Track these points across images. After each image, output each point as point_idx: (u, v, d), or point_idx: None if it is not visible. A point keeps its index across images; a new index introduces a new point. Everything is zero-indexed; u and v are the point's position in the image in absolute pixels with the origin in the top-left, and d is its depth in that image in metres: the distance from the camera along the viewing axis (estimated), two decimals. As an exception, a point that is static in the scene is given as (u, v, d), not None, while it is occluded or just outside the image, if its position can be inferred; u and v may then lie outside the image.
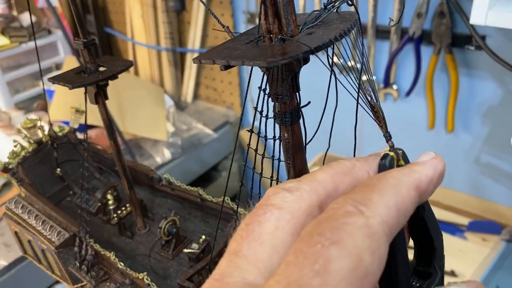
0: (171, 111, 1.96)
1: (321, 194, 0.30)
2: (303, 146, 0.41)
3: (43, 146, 0.74)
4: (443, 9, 1.29)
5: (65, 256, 0.64)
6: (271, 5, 0.34)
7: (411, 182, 0.30)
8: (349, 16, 0.36)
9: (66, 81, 0.52)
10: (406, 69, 1.48)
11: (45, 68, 2.09)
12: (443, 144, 1.52)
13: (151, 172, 0.73)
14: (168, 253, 0.63)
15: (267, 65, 0.31)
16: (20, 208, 0.70)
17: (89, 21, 2.29)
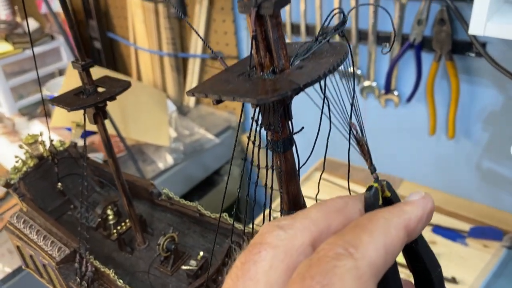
0: (174, 116, 1.97)
1: (313, 232, 0.31)
2: (296, 173, 0.42)
3: (44, 161, 0.75)
4: (443, 16, 1.29)
5: (65, 272, 0.65)
6: (262, 40, 0.35)
7: (400, 222, 0.31)
8: (340, 48, 0.37)
9: (65, 104, 0.53)
10: (407, 75, 1.48)
11: (48, 73, 2.10)
12: (444, 150, 1.52)
13: (150, 187, 0.73)
14: (167, 269, 0.64)
15: (257, 103, 0.32)
16: (22, 223, 0.71)
17: (92, 26, 2.30)
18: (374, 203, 0.35)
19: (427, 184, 1.62)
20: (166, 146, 1.83)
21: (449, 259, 1.33)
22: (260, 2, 0.33)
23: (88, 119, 0.58)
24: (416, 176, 1.64)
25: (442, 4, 1.28)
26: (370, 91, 1.59)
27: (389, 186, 0.36)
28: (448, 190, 1.58)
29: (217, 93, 0.34)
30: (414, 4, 1.35)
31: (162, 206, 0.74)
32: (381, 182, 0.36)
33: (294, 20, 1.64)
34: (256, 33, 0.34)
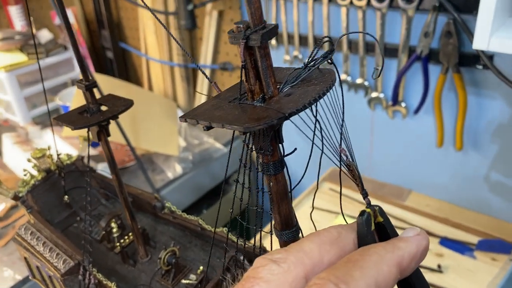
0: (183, 126, 1.99)
1: (307, 265, 0.31)
2: (288, 194, 0.43)
3: (52, 175, 0.78)
4: (450, 28, 1.30)
5: (70, 284, 0.67)
6: (252, 68, 0.36)
7: (393, 259, 0.31)
8: (328, 76, 0.38)
9: (69, 122, 0.55)
10: (415, 87, 1.48)
11: (61, 83, 2.15)
12: (452, 162, 1.51)
13: (154, 200, 0.75)
14: (168, 283, 0.65)
15: (244, 130, 0.33)
16: (29, 235, 0.73)
17: (104, 36, 2.34)
18: (367, 229, 0.35)
19: (434, 195, 1.62)
20: (175, 156, 1.85)
21: (456, 272, 1.32)
22: (249, 35, 0.34)
23: (92, 137, 0.60)
24: (424, 188, 1.64)
25: (449, 16, 1.29)
26: (377, 102, 1.59)
27: (382, 211, 0.36)
28: (456, 202, 1.57)
29: (207, 120, 0.36)
30: (421, 17, 1.35)
31: (164, 219, 0.75)
32: (374, 208, 0.36)
33: (302, 31, 1.66)
34: (246, 63, 0.36)
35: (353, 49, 1.55)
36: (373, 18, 1.45)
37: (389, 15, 1.42)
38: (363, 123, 1.68)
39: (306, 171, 0.44)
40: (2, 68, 1.95)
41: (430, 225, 1.49)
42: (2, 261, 1.45)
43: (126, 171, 1.80)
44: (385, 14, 1.42)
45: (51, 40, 2.08)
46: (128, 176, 1.77)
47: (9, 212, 1.62)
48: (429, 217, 1.52)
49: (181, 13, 1.78)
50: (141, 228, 0.71)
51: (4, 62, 1.97)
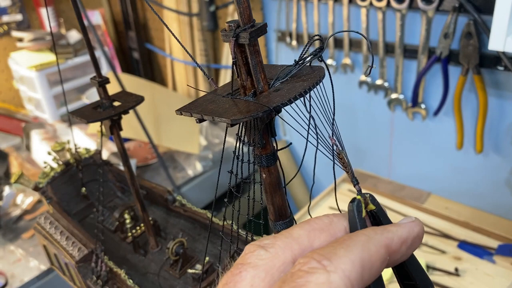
0: (205, 125, 2.02)
1: (295, 250, 0.32)
2: (281, 185, 0.45)
3: (70, 167, 0.82)
4: (470, 29, 1.28)
5: (84, 270, 0.70)
6: (243, 65, 0.38)
7: (381, 240, 0.31)
8: (317, 72, 0.39)
9: (83, 116, 0.59)
10: (434, 88, 1.47)
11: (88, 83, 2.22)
12: (472, 164, 1.49)
13: (166, 194, 0.78)
14: (176, 272, 0.68)
15: (231, 122, 0.35)
16: (48, 224, 0.77)
17: (131, 37, 2.41)
18: (357, 216, 0.35)
19: (454, 198, 1.60)
20: (196, 154, 1.88)
21: (474, 276, 1.30)
22: (238, 33, 0.36)
23: (105, 131, 0.63)
24: (443, 190, 1.62)
25: (469, 17, 1.28)
26: (397, 104, 1.59)
27: (373, 199, 0.37)
28: (476, 205, 1.55)
29: (199, 112, 0.38)
30: (441, 18, 1.34)
31: (176, 212, 0.78)
32: (365, 195, 0.36)
33: (322, 32, 1.67)
34: (237, 59, 0.38)
35: (373, 50, 1.55)
36: (393, 19, 1.45)
37: (409, 16, 1.42)
38: (383, 125, 1.67)
39: (324, 168, 0.44)
40: (33, 67, 2.04)
41: (449, 228, 1.48)
42: (28, 252, 1.51)
43: (148, 168, 1.84)
44: (405, 15, 1.41)
45: (79, 41, 2.15)
46: (151, 173, 1.82)
47: (36, 205, 1.68)
48: (448, 220, 1.51)
49: (204, 14, 1.82)
50: (153, 220, 0.74)
51: (35, 62, 2.06)
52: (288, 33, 1.80)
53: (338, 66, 1.70)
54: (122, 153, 0.64)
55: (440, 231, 1.46)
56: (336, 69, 1.71)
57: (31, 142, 1.94)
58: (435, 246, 1.41)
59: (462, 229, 1.47)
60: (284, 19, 1.78)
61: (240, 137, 0.42)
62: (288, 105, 0.36)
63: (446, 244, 1.42)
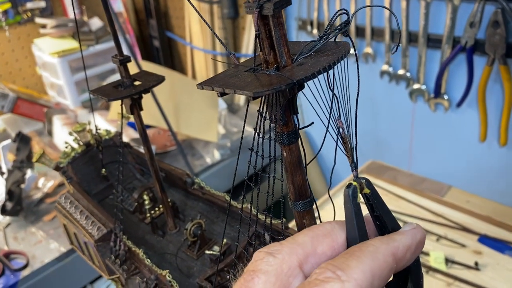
0: (224, 114, 2.03)
1: (300, 255, 0.35)
2: (302, 164, 0.44)
3: (91, 148, 0.82)
4: (497, 18, 1.25)
5: (103, 250, 0.71)
6: (266, 38, 0.38)
7: (388, 249, 0.34)
8: (342, 47, 0.38)
9: (104, 94, 0.59)
10: (458, 79, 1.44)
11: (109, 69, 2.24)
12: (495, 157, 1.46)
13: (185, 176, 0.78)
14: (193, 253, 0.68)
15: (253, 95, 0.35)
16: (69, 203, 0.78)
17: (152, 25, 2.41)
18: (352, 200, 0.37)
19: (475, 192, 1.57)
20: (214, 142, 1.89)
21: (495, 271, 1.28)
22: (262, 4, 0.35)
23: (126, 110, 0.63)
24: (464, 184, 1.59)
25: (497, 5, 1.24)
26: (419, 94, 1.56)
27: (369, 183, 0.38)
28: (498, 199, 1.51)
29: (221, 86, 0.37)
30: (467, 6, 1.31)
31: (194, 195, 0.78)
32: (360, 180, 0.38)
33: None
34: (260, 32, 0.37)
35: (396, 39, 1.52)
36: (417, 8, 1.42)
37: (434, 4, 1.39)
38: (404, 116, 1.65)
39: (343, 159, 0.44)
40: (55, 53, 2.06)
41: (470, 221, 1.45)
42: (49, 234, 1.54)
43: (167, 155, 1.86)
44: (430, 3, 1.38)
45: (101, 28, 2.17)
46: (169, 160, 1.83)
47: (57, 189, 1.71)
48: (469, 213, 1.48)
49: (225, 2, 1.81)
50: (171, 202, 0.74)
51: (57, 48, 2.08)
52: (309, 22, 1.78)
53: (359, 56, 1.68)
54: (142, 133, 0.65)
55: (460, 225, 1.44)
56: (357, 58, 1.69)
57: (53, 127, 1.97)
58: (455, 240, 1.38)
59: (483, 223, 1.44)
60: (306, 7, 1.76)
61: (261, 113, 0.41)
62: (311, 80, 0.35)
63: (466, 238, 1.40)
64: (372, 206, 0.39)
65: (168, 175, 0.81)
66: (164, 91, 1.77)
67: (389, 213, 0.40)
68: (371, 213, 0.40)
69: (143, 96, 0.63)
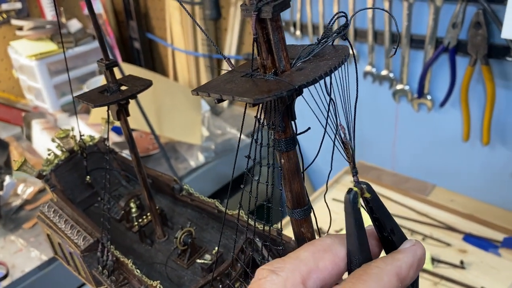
0: (207, 116, 2.00)
1: (303, 271, 0.35)
2: (300, 172, 0.43)
3: (75, 155, 0.80)
4: (479, 19, 1.26)
5: (89, 260, 0.69)
6: (264, 42, 0.36)
7: (392, 270, 0.35)
8: (341, 51, 0.37)
9: (90, 100, 0.56)
10: (441, 79, 1.45)
11: (89, 72, 2.19)
12: (478, 156, 1.48)
13: (172, 182, 0.76)
14: (184, 262, 0.66)
15: (253, 102, 0.33)
16: (52, 212, 0.76)
17: (132, 27, 2.38)
18: (353, 206, 0.37)
19: (459, 191, 1.59)
20: (198, 145, 1.86)
21: (479, 269, 1.29)
22: (260, 7, 0.34)
23: (112, 116, 0.61)
24: (448, 183, 1.60)
25: (478, 7, 1.25)
26: (402, 95, 1.57)
27: (369, 188, 0.39)
28: (482, 198, 1.53)
29: (218, 92, 0.36)
30: (450, 7, 1.32)
31: (183, 201, 0.76)
32: (361, 185, 0.38)
33: (327, 22, 1.64)
34: (258, 36, 0.36)
35: (379, 40, 1.53)
36: (400, 9, 1.43)
37: (416, 5, 1.39)
38: (387, 116, 1.66)
39: (318, 152, 0.43)
40: (33, 56, 2.01)
41: (454, 220, 1.47)
42: (29, 242, 1.49)
43: (150, 159, 1.83)
44: (412, 4, 1.39)
45: (80, 30, 2.13)
46: (152, 164, 1.80)
47: (37, 195, 1.67)
48: (453, 212, 1.49)
49: (206, 3, 1.79)
50: (159, 209, 0.72)
51: (35, 51, 2.03)
52: (292, 23, 1.78)
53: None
54: (129, 139, 0.63)
55: (445, 224, 1.45)
56: (341, 59, 1.69)
57: (32, 132, 1.92)
58: (440, 239, 1.40)
59: (467, 222, 1.46)
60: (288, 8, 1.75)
61: (258, 120, 0.40)
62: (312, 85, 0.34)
63: (451, 236, 1.41)
64: (372, 208, 0.39)
65: (155, 181, 0.79)
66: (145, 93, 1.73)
67: (388, 215, 0.40)
68: (371, 215, 0.40)
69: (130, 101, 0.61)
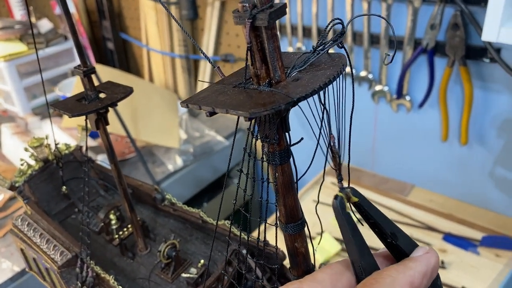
0: (184, 118, 1.97)
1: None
2: (294, 185, 0.41)
3: (49, 164, 0.76)
4: (457, 20, 1.27)
5: (67, 276, 0.65)
6: (258, 51, 0.34)
7: (405, 279, 0.33)
8: (338, 60, 0.36)
9: (67, 109, 0.53)
10: (420, 80, 1.46)
11: (61, 74, 2.12)
12: (456, 156, 1.49)
13: (154, 192, 0.73)
14: (168, 276, 0.63)
15: (249, 116, 0.31)
16: (26, 226, 0.72)
17: (105, 26, 2.32)
18: (342, 211, 0.37)
19: (438, 191, 1.60)
20: (176, 148, 1.83)
21: (459, 268, 1.30)
22: (255, 14, 0.32)
23: (90, 125, 0.58)
24: (427, 183, 1.62)
25: (456, 8, 1.26)
26: (381, 96, 1.57)
27: (355, 191, 0.38)
28: (460, 197, 1.55)
29: (210, 105, 0.34)
30: (428, 9, 1.33)
31: (165, 212, 0.74)
32: (345, 191, 0.37)
33: (305, 23, 1.63)
34: (252, 45, 0.34)
35: (358, 41, 1.52)
36: (378, 10, 1.43)
37: (395, 6, 1.39)
38: (366, 117, 1.66)
39: (306, 159, 0.42)
40: (1, 57, 1.93)
41: (434, 220, 1.48)
42: (0, 252, 1.43)
43: (126, 163, 1.78)
44: (391, 5, 1.39)
45: (51, 30, 2.06)
46: (128, 168, 1.75)
47: (8, 203, 1.60)
48: (433, 212, 1.50)
49: (183, 2, 1.76)
50: (141, 220, 0.69)
51: (3, 52, 1.95)
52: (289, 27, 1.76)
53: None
54: (109, 149, 0.59)
55: (424, 224, 1.46)
56: (320, 60, 1.68)
57: (1, 136, 1.85)
58: (420, 239, 1.40)
59: (446, 221, 1.47)
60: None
61: (252, 132, 0.37)
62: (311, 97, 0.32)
63: (431, 236, 1.42)
64: (366, 214, 0.39)
65: (135, 191, 0.76)
66: (121, 96, 1.69)
67: (384, 218, 0.39)
68: (367, 221, 0.39)
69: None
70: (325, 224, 0.36)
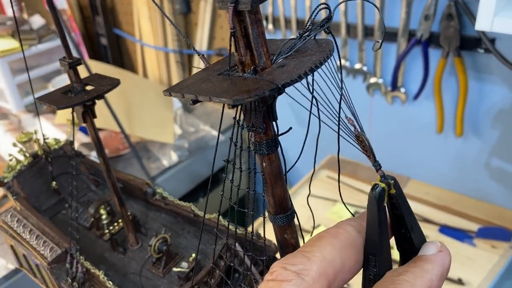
0: (179, 113, 1.96)
1: (330, 275, 0.32)
2: (282, 175, 0.40)
3: (39, 160, 0.75)
4: (451, 11, 1.26)
5: (57, 272, 0.64)
6: (242, 37, 0.33)
7: (423, 284, 0.32)
8: (325, 45, 0.35)
9: (52, 102, 0.52)
10: (414, 72, 1.45)
11: (54, 70, 2.11)
12: (452, 148, 1.49)
13: (145, 186, 0.72)
14: (159, 271, 0.63)
15: (233, 103, 0.30)
16: (16, 222, 0.71)
17: (98, 22, 2.30)
18: (379, 204, 0.33)
19: (434, 183, 1.59)
20: (170, 143, 1.82)
21: (456, 260, 1.30)
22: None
23: (77, 118, 0.57)
24: (423, 175, 1.61)
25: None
26: (376, 88, 1.56)
27: (396, 183, 0.34)
28: (456, 189, 1.55)
29: (193, 93, 0.33)
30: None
31: (156, 206, 0.73)
32: (388, 180, 0.34)
33: (299, 15, 1.62)
34: (235, 30, 0.33)
35: (352, 33, 1.51)
36: (372, 1, 1.41)
37: (389, -4, 1.38)
38: (361, 109, 1.65)
39: (301, 155, 0.41)
40: (-7, 54, 1.91)
41: (430, 212, 1.47)
42: (-6, 250, 1.42)
43: (120, 159, 1.77)
44: (384, -4, 1.38)
45: (43, 26, 2.04)
46: (123, 164, 1.74)
47: (1, 201, 1.59)
48: (428, 204, 1.50)
49: (176, -3, 1.74)
50: (132, 215, 0.68)
51: (-5, 48, 1.93)
52: (264, 17, 1.74)
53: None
54: (97, 143, 0.58)
55: (420, 216, 1.46)
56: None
57: (-6, 134, 1.83)
58: (417, 231, 1.40)
59: (442, 213, 1.47)
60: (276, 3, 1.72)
61: (238, 121, 0.37)
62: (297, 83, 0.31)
63: (428, 229, 1.41)
64: (394, 205, 0.35)
65: (126, 185, 0.75)
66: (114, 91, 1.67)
67: (411, 213, 0.36)
68: (391, 212, 0.36)
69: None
70: (321, 218, 0.35)
